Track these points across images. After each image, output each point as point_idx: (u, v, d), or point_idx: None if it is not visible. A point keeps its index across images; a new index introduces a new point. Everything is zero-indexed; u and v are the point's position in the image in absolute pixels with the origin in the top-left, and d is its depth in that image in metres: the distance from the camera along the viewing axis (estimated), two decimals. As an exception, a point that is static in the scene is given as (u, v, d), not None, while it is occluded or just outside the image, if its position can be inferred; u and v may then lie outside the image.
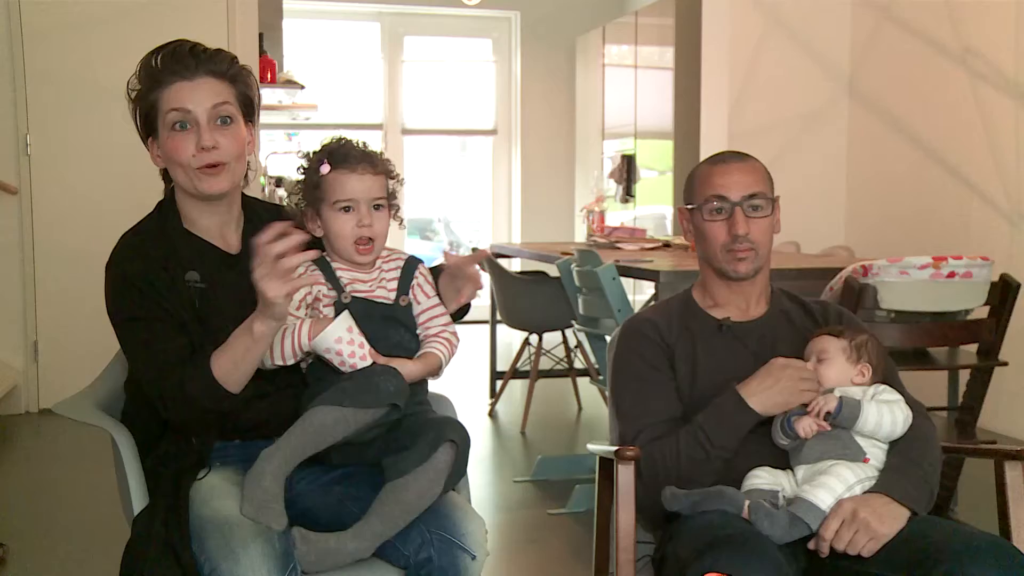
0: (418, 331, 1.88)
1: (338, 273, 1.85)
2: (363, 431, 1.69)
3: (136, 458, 1.75)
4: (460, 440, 1.74)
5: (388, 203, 1.86)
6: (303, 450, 1.64)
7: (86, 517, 3.49)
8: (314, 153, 1.86)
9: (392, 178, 1.88)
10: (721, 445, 1.78)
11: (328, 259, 1.86)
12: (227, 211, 1.87)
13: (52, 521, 3.50)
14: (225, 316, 1.77)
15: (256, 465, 1.59)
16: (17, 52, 4.95)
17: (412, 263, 1.91)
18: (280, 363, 1.76)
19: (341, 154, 1.82)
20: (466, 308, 1.98)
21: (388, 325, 1.83)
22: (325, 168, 1.81)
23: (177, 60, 1.78)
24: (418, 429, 1.74)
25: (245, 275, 1.74)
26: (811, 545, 1.69)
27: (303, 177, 1.86)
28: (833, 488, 1.69)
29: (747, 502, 1.69)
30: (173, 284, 1.77)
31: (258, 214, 1.93)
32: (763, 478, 1.76)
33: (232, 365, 1.69)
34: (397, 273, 1.88)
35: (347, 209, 1.81)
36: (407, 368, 1.77)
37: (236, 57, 1.87)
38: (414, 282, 1.89)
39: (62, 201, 5.04)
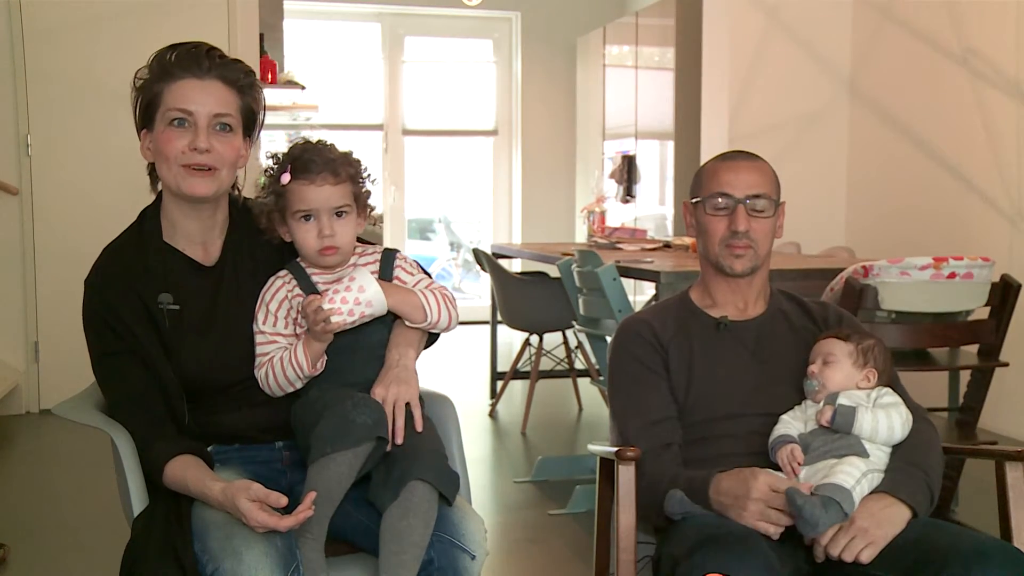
0: None
1: (314, 279, 1.84)
2: (363, 469, 1.70)
3: (136, 459, 1.75)
4: (432, 477, 1.70)
5: (356, 206, 1.84)
6: (324, 512, 1.67)
7: (86, 517, 3.49)
8: (282, 156, 1.83)
9: (359, 182, 1.84)
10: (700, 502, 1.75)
11: (302, 264, 1.86)
12: (211, 216, 1.86)
13: (52, 521, 3.49)
14: (195, 333, 1.79)
15: (300, 553, 1.63)
16: (18, 52, 4.94)
17: (389, 254, 1.90)
18: (311, 375, 1.79)
19: (303, 162, 1.79)
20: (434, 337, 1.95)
21: (367, 323, 1.80)
22: (286, 178, 1.79)
23: (192, 58, 1.78)
24: (391, 462, 1.72)
25: (216, 285, 1.75)
26: (815, 551, 1.69)
27: (267, 182, 1.83)
28: (851, 472, 1.69)
29: (785, 491, 1.65)
30: (145, 309, 1.78)
31: (243, 217, 1.91)
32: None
33: (181, 486, 1.71)
34: (376, 267, 1.87)
35: (307, 218, 1.80)
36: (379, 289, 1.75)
37: (252, 71, 1.86)
38: (395, 271, 1.88)
39: (62, 201, 5.03)
